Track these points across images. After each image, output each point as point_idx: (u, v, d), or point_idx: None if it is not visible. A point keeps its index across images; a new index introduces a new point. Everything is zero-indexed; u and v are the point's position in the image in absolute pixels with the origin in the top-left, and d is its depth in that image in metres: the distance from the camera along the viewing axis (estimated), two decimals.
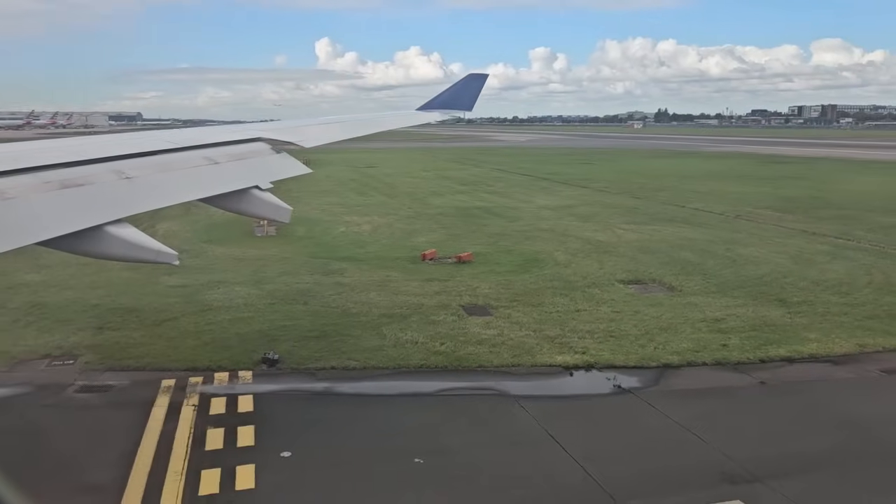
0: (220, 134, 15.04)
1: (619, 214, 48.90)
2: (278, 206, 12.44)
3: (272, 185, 12.96)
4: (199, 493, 13.10)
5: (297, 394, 18.03)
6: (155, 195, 10.55)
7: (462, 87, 27.52)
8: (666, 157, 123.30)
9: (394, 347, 21.15)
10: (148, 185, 10.65)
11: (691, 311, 24.78)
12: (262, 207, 12.39)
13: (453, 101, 26.65)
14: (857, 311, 24.67)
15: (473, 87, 27.87)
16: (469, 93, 27.40)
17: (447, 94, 27.27)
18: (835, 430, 15.85)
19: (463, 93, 27.25)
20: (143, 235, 9.37)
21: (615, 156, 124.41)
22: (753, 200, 56.35)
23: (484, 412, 16.97)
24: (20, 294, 27.27)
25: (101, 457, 14.68)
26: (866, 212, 49.98)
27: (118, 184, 10.11)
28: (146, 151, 11.60)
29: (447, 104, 26.56)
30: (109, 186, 9.93)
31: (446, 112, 26.75)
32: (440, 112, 26.55)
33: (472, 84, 27.95)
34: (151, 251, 9.32)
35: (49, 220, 8.49)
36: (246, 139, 14.69)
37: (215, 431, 15.66)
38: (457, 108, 26.98)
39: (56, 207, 8.87)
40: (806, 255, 34.63)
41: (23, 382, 18.76)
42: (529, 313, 24.52)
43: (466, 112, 28.11)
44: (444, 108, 26.53)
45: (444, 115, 26.78)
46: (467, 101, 27.19)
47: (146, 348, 21.17)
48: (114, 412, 17.02)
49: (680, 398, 17.66)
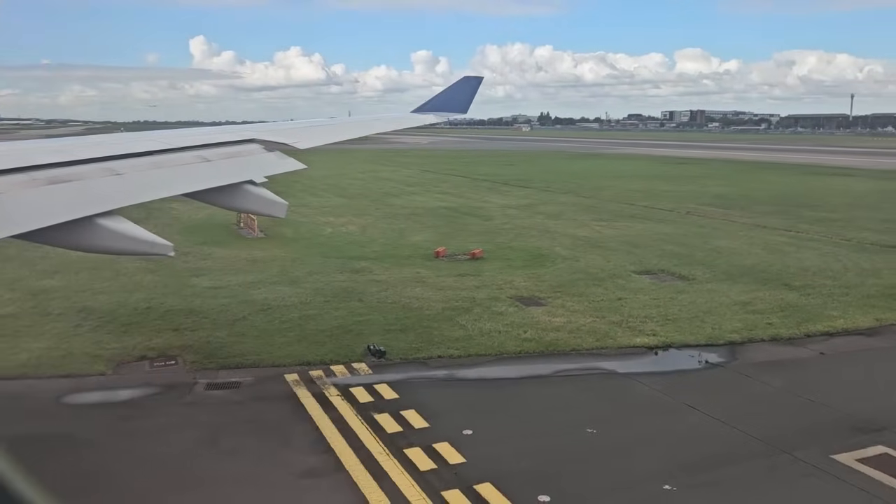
0: (214, 135, 15.36)
1: (582, 212, 51.78)
2: (273, 201, 12.58)
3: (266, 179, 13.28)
4: (421, 469, 14.04)
5: (424, 381, 19.03)
6: (145, 189, 10.77)
7: (457, 90, 28.42)
8: (576, 158, 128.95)
9: (481, 336, 22.42)
10: (138, 180, 10.84)
11: (717, 296, 27.44)
12: (256, 202, 12.56)
13: (448, 104, 27.44)
14: (854, 292, 28.14)
15: (468, 90, 28.88)
16: (464, 95, 28.16)
17: (442, 97, 28.32)
18: None
19: (457, 95, 28.10)
20: (136, 227, 9.54)
21: (530, 158, 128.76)
22: (689, 198, 60.85)
23: (609, 388, 18.68)
24: (54, 299, 26.44)
25: (294, 444, 15.27)
26: (793, 207, 55.29)
27: (107, 179, 10.31)
28: (139, 152, 11.85)
29: (442, 107, 27.36)
30: (98, 181, 10.12)
31: (441, 114, 27.74)
32: (435, 115, 27.50)
33: (467, 86, 29.02)
34: (146, 243, 9.56)
35: (36, 211, 8.60)
36: (240, 140, 15.08)
37: (383, 416, 16.50)
38: (452, 111, 27.66)
39: (43, 200, 9.01)
40: (774, 246, 38.45)
41: (144, 384, 18.74)
42: (579, 302, 26.39)
43: (461, 114, 29.25)
44: (439, 111, 27.35)
45: (438, 118, 27.78)
46: (462, 103, 27.94)
47: (240, 347, 21.42)
48: (266, 405, 17.45)
49: (764, 369, 20.03)
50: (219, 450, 15.04)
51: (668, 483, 13.45)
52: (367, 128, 23.80)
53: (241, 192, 12.37)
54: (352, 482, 13.61)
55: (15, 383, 18.60)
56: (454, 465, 14.23)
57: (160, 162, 11.92)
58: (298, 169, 15.10)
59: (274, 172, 13.88)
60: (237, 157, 13.88)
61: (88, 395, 18.08)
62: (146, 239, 9.56)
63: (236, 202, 12.50)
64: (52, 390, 18.19)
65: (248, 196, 12.38)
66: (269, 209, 12.65)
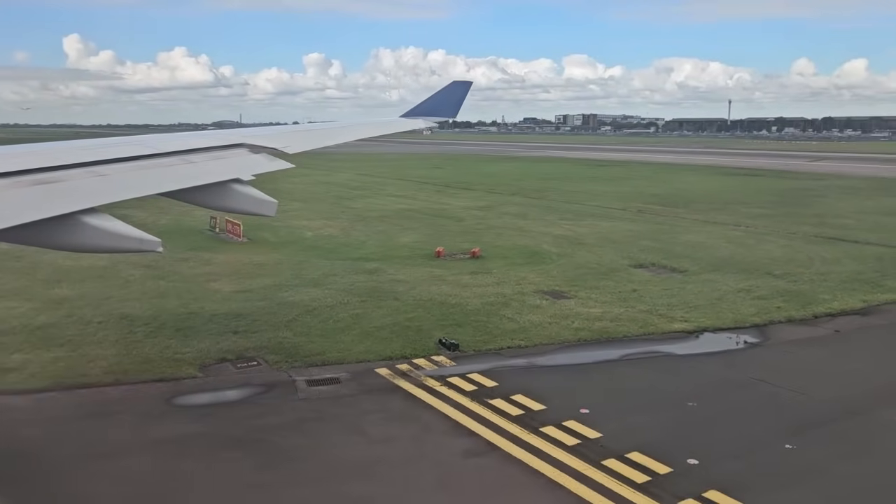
0: (203, 140, 15.32)
1: (544, 213, 54.11)
2: (262, 199, 12.49)
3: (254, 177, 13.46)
4: (569, 444, 15.38)
5: (510, 369, 20.30)
6: (128, 188, 10.87)
7: (446, 95, 28.52)
8: (496, 161, 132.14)
9: (534, 328, 23.89)
10: (121, 180, 10.99)
11: (718, 285, 30.06)
12: (243, 202, 12.44)
13: (437, 109, 27.78)
14: (830, 279, 31.48)
15: (457, 94, 29.58)
16: (453, 99, 28.29)
17: (431, 102, 29.17)
18: None
19: (447, 100, 28.19)
20: (123, 225, 9.52)
21: (450, 161, 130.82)
22: (631, 198, 64.45)
23: (680, 368, 20.60)
24: (82, 308, 25.89)
25: (435, 429, 16.25)
26: (728, 205, 59.73)
27: (90, 179, 10.45)
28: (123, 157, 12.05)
29: (431, 111, 27.73)
30: (81, 181, 10.26)
31: (430, 119, 28.63)
32: (423, 119, 28.40)
33: (456, 91, 29.90)
34: (133, 240, 9.57)
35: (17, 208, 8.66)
36: (229, 144, 15.29)
37: (498, 402, 17.67)
38: (441, 115, 28.05)
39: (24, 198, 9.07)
40: (736, 240, 41.91)
41: (243, 384, 19.08)
42: (601, 294, 28.32)
43: (450, 118, 30.30)
44: (429, 115, 27.69)
45: (427, 123, 28.77)
46: (451, 107, 28.18)
47: (311, 346, 21.93)
48: (378, 397, 18.24)
49: (798, 346, 22.56)
50: (371, 438, 15.84)
51: (788, 443, 15.38)
52: (356, 132, 24.57)
53: (228, 191, 12.34)
54: (513, 458, 14.79)
55: (112, 389, 18.50)
56: (594, 439, 15.64)
57: (145, 165, 12.14)
58: (285, 168, 15.45)
59: (261, 171, 14.03)
60: (222, 158, 13.97)
61: (196, 396, 18.28)
62: (134, 236, 9.61)
63: (224, 201, 12.44)
64: (155, 394, 18.27)
65: (235, 195, 12.36)
66: (259, 208, 12.68)
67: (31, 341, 22.05)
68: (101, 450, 15.11)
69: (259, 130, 21.09)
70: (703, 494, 13.23)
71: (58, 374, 19.37)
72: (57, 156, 11.14)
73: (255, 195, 12.58)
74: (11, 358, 20.52)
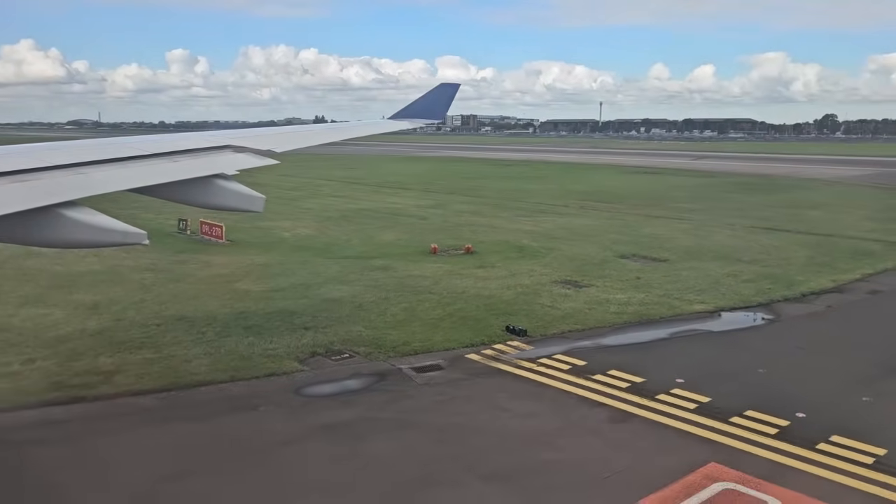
0: (189, 141, 15.14)
1: (496, 210, 56.48)
2: (249, 195, 12.33)
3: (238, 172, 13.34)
4: (690, 408, 17.56)
5: (585, 349, 22.23)
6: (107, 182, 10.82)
7: (434, 97, 29.34)
8: (407, 161, 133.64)
9: (577, 314, 25.97)
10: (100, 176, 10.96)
11: (706, 271, 33.34)
12: (229, 197, 12.24)
13: (425, 111, 28.60)
14: (794, 263, 35.59)
15: (445, 96, 30.93)
16: (440, 102, 29.11)
17: (419, 104, 30.57)
18: None
19: (434, 102, 29.00)
20: (106, 218, 9.41)
21: (363, 162, 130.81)
22: (563, 196, 68.05)
23: (725, 342, 23.34)
24: (125, 311, 25.62)
25: (562, 402, 17.98)
26: (656, 200, 64.40)
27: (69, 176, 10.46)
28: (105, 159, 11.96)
29: (419, 113, 28.53)
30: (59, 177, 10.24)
31: (416, 121, 30.14)
32: (409, 121, 30.01)
33: (444, 93, 31.26)
34: (118, 233, 9.49)
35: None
36: (215, 146, 14.99)
37: (600, 377, 19.61)
38: (428, 118, 28.75)
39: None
40: (688, 231, 45.91)
41: (353, 374, 20.01)
42: (613, 282, 30.85)
43: (437, 120, 32.05)
44: (416, 118, 28.48)
45: (413, 124, 30.36)
46: (439, 109, 29.11)
47: (391, 337, 22.95)
48: (488, 378, 19.74)
49: (809, 320, 25.95)
50: (515, 413, 17.35)
51: (864, 396, 18.30)
52: (344, 132, 25.87)
53: (211, 187, 12.17)
54: (653, 421, 16.80)
55: (232, 385, 18.94)
56: (707, 402, 17.88)
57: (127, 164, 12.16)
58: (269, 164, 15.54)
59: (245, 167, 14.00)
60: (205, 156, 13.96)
61: (319, 387, 19.04)
62: (119, 229, 9.54)
63: (208, 198, 12.26)
64: (278, 387, 18.89)
65: (220, 190, 12.21)
66: (245, 204, 12.53)
67: (103, 345, 21.82)
68: (281, 438, 15.79)
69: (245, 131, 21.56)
70: (830, 439, 15.74)
71: (163, 374, 19.51)
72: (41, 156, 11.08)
73: (240, 190, 12.44)
74: (103, 361, 20.37)
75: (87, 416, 16.95)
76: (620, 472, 14.30)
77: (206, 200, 12.37)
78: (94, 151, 12.22)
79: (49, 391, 18.11)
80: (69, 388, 18.29)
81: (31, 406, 17.30)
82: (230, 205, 12.67)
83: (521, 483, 13.79)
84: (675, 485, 13.65)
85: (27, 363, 20.20)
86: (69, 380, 18.91)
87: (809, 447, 15.39)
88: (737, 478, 13.96)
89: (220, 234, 40.49)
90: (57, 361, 20.34)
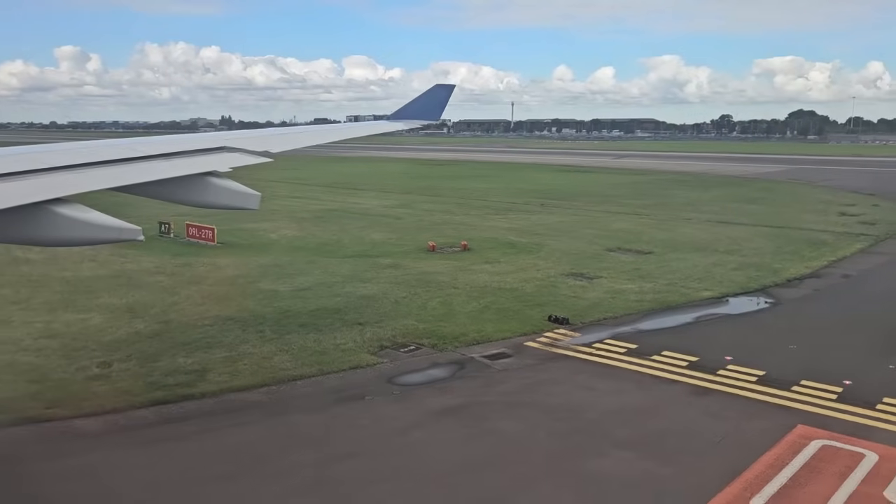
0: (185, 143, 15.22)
1: (464, 209, 58.05)
2: (244, 192, 12.22)
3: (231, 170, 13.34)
4: (752, 380, 19.65)
5: (628, 333, 24.05)
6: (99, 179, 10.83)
7: (429, 98, 29.92)
8: (342, 162, 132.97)
9: (603, 303, 27.82)
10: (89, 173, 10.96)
11: (692, 261, 35.96)
12: (222, 195, 12.09)
13: (421, 112, 29.12)
14: (765, 252, 38.74)
15: (440, 97, 30.66)
16: (435, 102, 29.61)
17: (414, 105, 31.37)
18: None
19: (430, 103, 29.57)
20: (100, 214, 9.33)
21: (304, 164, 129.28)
22: (516, 194, 70.33)
23: (748, 324, 25.75)
24: (167, 314, 25.79)
25: (633, 381, 19.72)
26: (606, 197, 67.52)
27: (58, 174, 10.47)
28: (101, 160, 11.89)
29: (415, 114, 29.07)
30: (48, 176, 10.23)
31: (412, 122, 29.21)
32: (405, 122, 31.10)
33: (439, 94, 31.85)
34: (113, 229, 9.39)
35: None
36: (210, 148, 14.99)
37: (658, 357, 21.48)
38: (424, 119, 29.17)
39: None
40: (654, 226, 48.82)
41: (431, 364, 21.14)
42: (618, 274, 32.96)
43: (433, 121, 32.71)
44: (412, 119, 28.98)
45: (408, 125, 29.70)
46: (434, 110, 29.52)
47: (446, 330, 24.14)
48: (558, 362, 21.27)
49: (806, 301, 28.74)
50: (603, 391, 18.98)
51: (890, 364, 20.89)
52: (341, 133, 27.10)
53: (204, 184, 12.06)
54: (725, 393, 18.74)
55: (324, 378, 19.74)
56: (763, 375, 19.99)
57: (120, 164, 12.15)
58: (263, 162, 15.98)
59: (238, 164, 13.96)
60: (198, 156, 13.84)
61: (408, 377, 20.09)
62: (114, 225, 9.47)
63: (202, 196, 12.16)
64: (369, 378, 19.83)
65: (213, 188, 12.10)
66: (240, 201, 12.46)
67: (171, 347, 22.08)
68: (404, 423, 16.80)
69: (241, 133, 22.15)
70: (884, 400, 18.10)
71: (254, 371, 20.04)
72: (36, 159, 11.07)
73: (235, 188, 12.35)
74: (183, 361, 20.67)
75: (208, 411, 17.47)
76: (728, 436, 16.12)
77: (200, 199, 12.24)
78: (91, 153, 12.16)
79: (150, 391, 18.40)
80: (169, 388, 18.63)
81: (142, 405, 17.61)
82: (224, 203, 12.48)
83: (653, 449, 15.39)
84: (780, 444, 15.56)
85: (103, 366, 20.28)
86: (163, 380, 19.20)
87: (870, 408, 17.65)
88: (828, 436, 16.01)
89: (212, 236, 40.27)
90: (136, 363, 20.51)
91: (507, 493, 13.68)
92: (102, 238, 9.74)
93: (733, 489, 13.65)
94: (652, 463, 14.80)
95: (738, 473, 14.21)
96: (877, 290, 30.95)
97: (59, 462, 14.74)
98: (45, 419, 16.80)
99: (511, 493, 13.70)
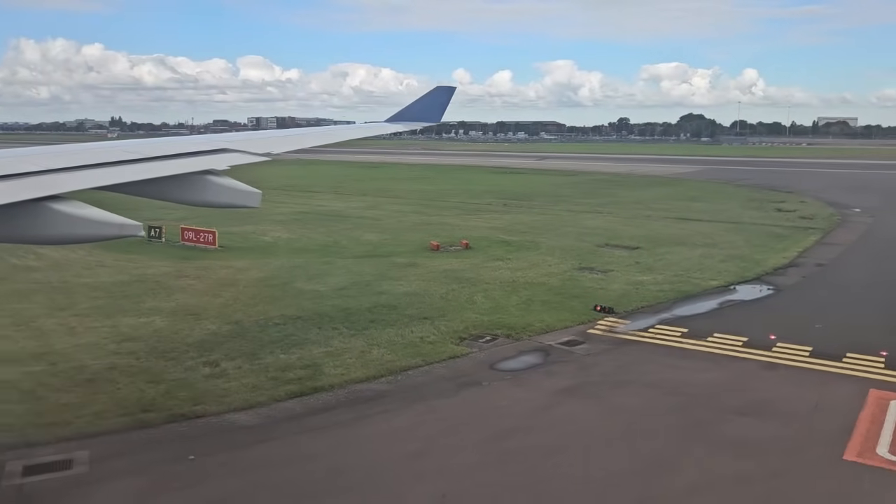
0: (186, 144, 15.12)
1: (435, 210, 59.55)
2: (244, 190, 12.02)
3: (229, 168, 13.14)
4: (804, 357, 22.33)
5: (671, 319, 26.38)
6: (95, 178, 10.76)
7: (429, 100, 29.84)
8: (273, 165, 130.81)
9: (629, 294, 30.09)
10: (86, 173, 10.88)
11: (683, 254, 38.94)
12: (222, 193, 11.89)
13: (421, 114, 29.19)
14: (739, 246, 42.26)
15: (441, 99, 30.10)
16: (436, 104, 29.68)
17: (415, 107, 30.00)
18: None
19: (430, 105, 29.59)
20: (99, 210, 9.23)
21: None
22: (475, 195, 72.38)
23: (766, 309, 28.59)
24: (231, 315, 26.15)
25: (708, 358, 22.02)
26: (557, 197, 70.52)
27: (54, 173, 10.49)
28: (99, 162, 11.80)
29: (415, 116, 29.20)
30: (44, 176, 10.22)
31: (412, 124, 29.56)
32: (405, 124, 29.63)
33: (440, 96, 30.28)
34: (114, 226, 9.23)
35: None
36: (212, 150, 14.87)
37: (711, 339, 23.89)
38: (424, 121, 29.43)
39: None
40: (624, 223, 51.91)
41: (516, 353, 22.73)
42: (625, 268, 35.42)
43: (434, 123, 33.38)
44: (412, 120, 29.28)
45: (408, 127, 29.87)
46: (435, 112, 29.61)
47: (508, 321, 25.69)
48: (629, 346, 23.26)
49: (804, 289, 31.97)
50: (685, 368, 21.12)
51: None
52: (340, 135, 28.56)
53: (203, 183, 11.93)
54: (791, 366, 21.28)
55: (430, 368, 20.99)
56: (812, 350, 22.70)
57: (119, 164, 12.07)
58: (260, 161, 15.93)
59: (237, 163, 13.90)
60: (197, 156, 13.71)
61: (506, 363, 21.62)
62: (114, 221, 9.40)
63: (202, 195, 12.06)
64: (469, 365, 21.21)
65: (212, 186, 12.01)
66: (240, 199, 12.28)
67: (261, 345, 22.71)
68: (534, 404, 18.36)
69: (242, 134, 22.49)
70: None
71: (364, 364, 21.01)
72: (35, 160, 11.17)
73: (234, 186, 12.20)
74: (286, 358, 21.39)
75: (345, 400, 18.54)
76: (821, 401, 18.55)
77: (199, 198, 12.17)
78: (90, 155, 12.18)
79: (279, 386, 19.13)
80: (293, 383, 19.39)
81: (280, 399, 18.34)
82: (224, 201, 12.30)
83: (769, 416, 17.58)
84: (868, 406, 18.10)
85: (212, 365, 20.73)
86: (282, 375, 19.93)
87: None
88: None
89: (213, 239, 40.10)
90: (242, 361, 21.04)
91: (671, 456, 15.49)
92: (103, 234, 9.47)
93: (856, 442, 15.99)
94: (775, 425, 16.98)
95: (850, 429, 16.58)
96: (855, 277, 34.67)
97: (262, 449, 15.45)
98: (196, 415, 17.31)
99: (674, 456, 15.52)
